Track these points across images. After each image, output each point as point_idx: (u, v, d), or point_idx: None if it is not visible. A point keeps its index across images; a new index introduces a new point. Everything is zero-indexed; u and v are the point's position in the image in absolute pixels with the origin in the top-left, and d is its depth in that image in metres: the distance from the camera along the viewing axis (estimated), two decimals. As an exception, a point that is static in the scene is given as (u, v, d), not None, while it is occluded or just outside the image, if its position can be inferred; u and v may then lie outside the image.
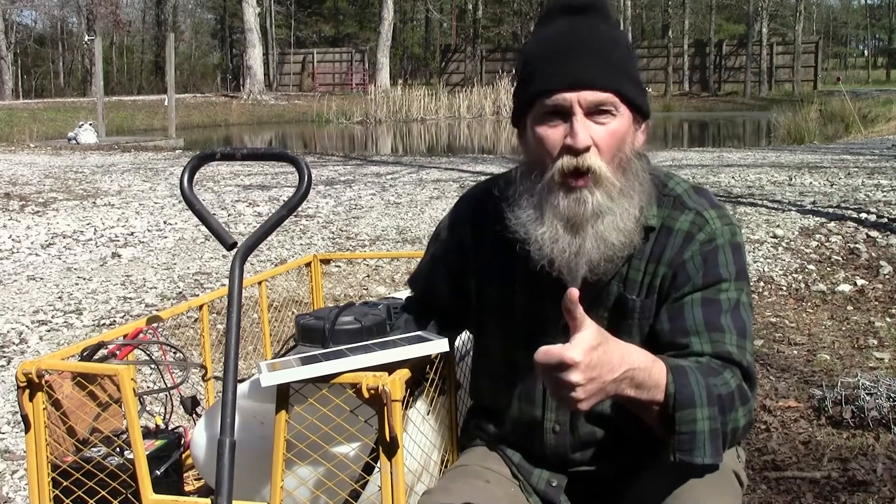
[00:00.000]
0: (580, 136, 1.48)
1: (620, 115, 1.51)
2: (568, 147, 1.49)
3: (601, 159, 1.49)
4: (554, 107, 1.50)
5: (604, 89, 1.49)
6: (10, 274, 6.09)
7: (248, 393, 1.77)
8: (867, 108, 23.30)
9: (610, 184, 1.50)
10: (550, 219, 1.51)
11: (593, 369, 1.29)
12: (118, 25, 43.03)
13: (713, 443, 1.42)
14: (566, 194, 1.50)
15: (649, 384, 1.39)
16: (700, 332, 1.51)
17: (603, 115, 1.50)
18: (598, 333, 1.31)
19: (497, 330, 1.71)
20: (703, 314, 1.52)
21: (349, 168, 12.63)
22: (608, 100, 1.50)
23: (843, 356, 4.02)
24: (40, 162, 13.88)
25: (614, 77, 1.51)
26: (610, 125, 1.50)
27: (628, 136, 1.53)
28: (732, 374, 1.47)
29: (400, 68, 53.66)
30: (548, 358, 1.29)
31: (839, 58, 72.16)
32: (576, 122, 1.48)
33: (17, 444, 3.28)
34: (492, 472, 1.70)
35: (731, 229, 1.58)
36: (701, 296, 1.53)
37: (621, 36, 1.58)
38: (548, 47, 1.54)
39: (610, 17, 1.57)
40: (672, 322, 1.54)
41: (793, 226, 6.53)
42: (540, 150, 1.52)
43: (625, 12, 42.67)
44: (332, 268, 5.74)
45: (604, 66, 1.50)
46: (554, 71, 1.50)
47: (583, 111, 1.49)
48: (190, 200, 1.84)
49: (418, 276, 1.90)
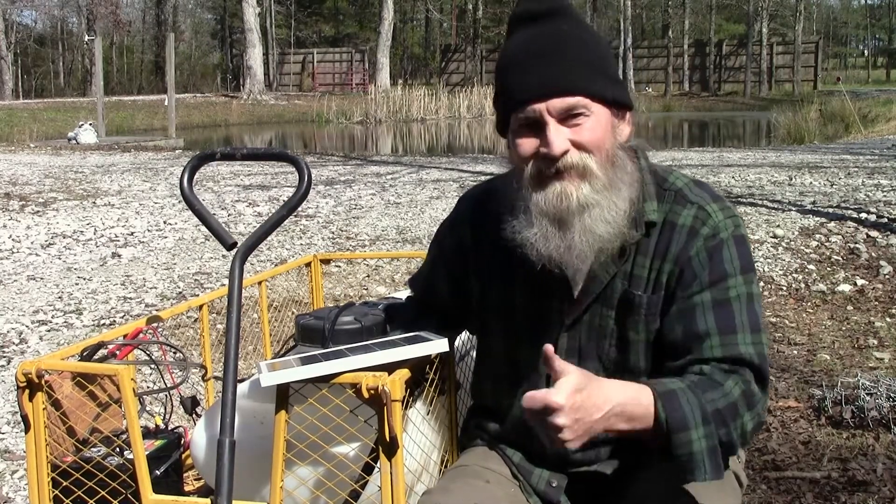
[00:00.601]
0: (555, 144, 1.48)
1: (595, 114, 1.51)
2: (544, 156, 1.50)
3: (584, 153, 1.50)
4: (526, 119, 1.51)
5: (571, 93, 1.49)
6: (10, 274, 6.09)
7: (248, 393, 1.77)
8: (867, 108, 23.30)
9: (595, 177, 1.50)
10: (539, 219, 1.51)
11: (577, 411, 1.34)
12: (118, 25, 43.04)
13: (712, 460, 1.44)
14: (546, 190, 1.51)
15: (638, 415, 1.42)
16: (712, 336, 1.51)
17: (576, 117, 1.50)
18: (581, 377, 1.36)
19: (499, 330, 1.71)
20: (714, 319, 1.52)
21: (349, 168, 12.63)
22: (578, 103, 1.50)
23: (843, 356, 4.02)
24: (40, 162, 13.89)
25: (580, 78, 1.50)
26: (585, 125, 1.50)
27: (608, 131, 1.53)
28: (737, 382, 1.47)
29: (400, 68, 53.67)
30: (532, 403, 1.33)
31: (839, 58, 72.18)
32: (549, 132, 1.49)
33: (17, 444, 3.28)
34: (492, 472, 1.70)
35: (733, 221, 1.59)
36: (711, 297, 1.53)
37: (587, 34, 1.57)
38: (512, 59, 1.55)
39: (573, 16, 1.57)
40: (683, 326, 1.54)
41: (793, 226, 6.53)
42: (518, 159, 1.54)
43: (625, 12, 42.64)
44: (332, 268, 5.74)
45: (568, 70, 1.50)
46: (520, 83, 1.52)
47: (555, 119, 1.49)
48: (190, 200, 1.84)
49: (418, 277, 1.91)
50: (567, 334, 1.62)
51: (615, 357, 1.60)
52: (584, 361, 1.61)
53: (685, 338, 1.54)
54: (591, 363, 1.61)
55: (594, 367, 1.61)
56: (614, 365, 1.60)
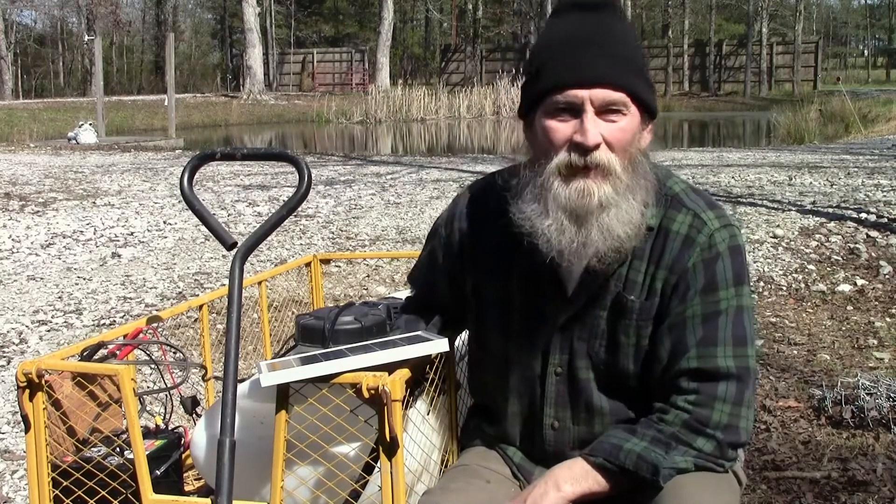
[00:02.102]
0: (590, 133, 1.47)
1: (631, 115, 1.51)
2: (577, 144, 1.48)
3: (611, 154, 1.50)
4: (565, 103, 1.49)
5: (617, 88, 1.49)
6: (10, 274, 6.09)
7: (248, 393, 1.77)
8: (867, 108, 23.29)
9: (618, 178, 1.50)
10: (555, 210, 1.50)
11: None
12: (118, 25, 43.01)
13: (659, 448, 1.50)
14: (568, 185, 1.50)
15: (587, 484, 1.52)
16: (691, 349, 1.54)
17: (613, 113, 1.50)
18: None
19: (495, 326, 1.71)
20: (702, 332, 1.54)
21: (349, 168, 12.63)
22: (620, 99, 1.49)
23: (843, 356, 4.02)
24: (40, 162, 13.88)
25: (627, 76, 1.50)
26: (620, 123, 1.50)
27: (637, 135, 1.53)
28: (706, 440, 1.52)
29: (400, 68, 53.64)
30: None
31: (839, 58, 72.12)
32: (586, 120, 1.48)
33: (17, 444, 3.28)
34: (492, 471, 1.70)
35: (729, 231, 1.58)
36: (702, 311, 1.54)
37: (633, 34, 1.58)
38: (560, 42, 1.53)
39: (622, 15, 1.57)
40: (671, 339, 1.56)
41: (793, 226, 6.53)
42: (547, 143, 1.52)
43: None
44: (332, 268, 5.74)
45: (616, 65, 1.49)
46: (567, 67, 1.50)
47: (594, 109, 1.49)
48: (190, 200, 1.84)
49: (417, 273, 1.90)
50: (560, 332, 1.63)
51: (605, 358, 1.61)
52: (576, 359, 1.62)
53: (671, 352, 1.55)
54: (583, 362, 1.62)
55: (585, 365, 1.62)
56: (604, 366, 1.61)
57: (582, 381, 1.62)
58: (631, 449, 1.50)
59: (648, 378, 1.58)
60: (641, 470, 1.49)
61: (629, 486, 1.51)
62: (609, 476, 1.52)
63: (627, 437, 1.53)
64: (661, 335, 1.56)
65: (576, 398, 1.63)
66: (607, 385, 1.62)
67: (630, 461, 1.49)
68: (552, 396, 1.64)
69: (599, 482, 1.52)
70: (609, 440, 1.54)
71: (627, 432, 1.54)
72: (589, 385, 1.62)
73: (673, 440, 1.51)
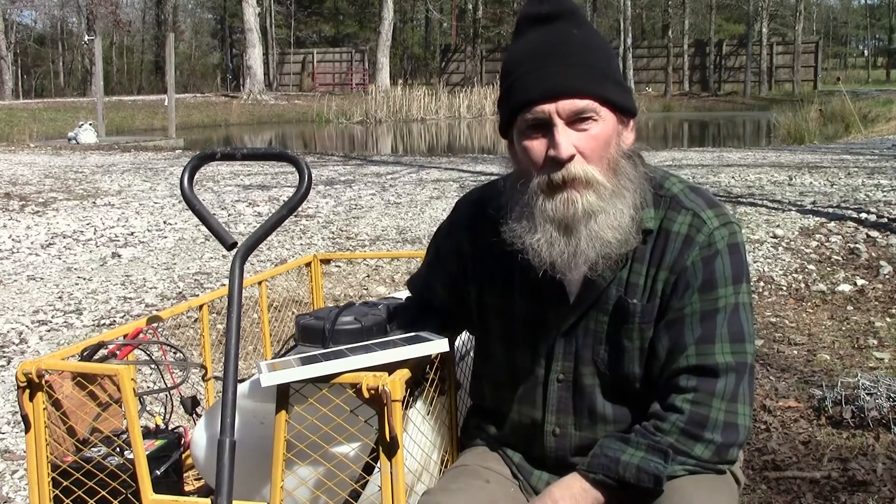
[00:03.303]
0: (562, 146, 1.47)
1: (603, 119, 1.51)
2: (552, 158, 1.49)
3: (587, 164, 1.49)
4: (534, 119, 1.50)
5: (581, 96, 1.49)
6: (10, 274, 6.09)
7: (248, 393, 1.77)
8: (867, 108, 23.29)
9: (600, 185, 1.50)
10: (542, 224, 1.51)
11: None
12: (118, 25, 42.98)
13: (657, 457, 1.49)
14: (553, 197, 1.50)
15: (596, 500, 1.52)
16: (689, 346, 1.54)
17: (584, 121, 1.50)
18: None
19: (498, 334, 1.71)
20: (700, 330, 1.54)
21: (349, 168, 12.63)
22: (588, 106, 1.49)
23: (843, 356, 4.02)
24: (40, 162, 13.88)
25: (591, 82, 1.50)
26: (592, 130, 1.50)
27: (614, 138, 1.53)
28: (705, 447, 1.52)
29: (400, 68, 53.65)
30: None
31: (839, 58, 72.16)
32: (557, 134, 1.48)
33: (17, 444, 3.28)
34: (492, 472, 1.70)
35: (729, 229, 1.58)
36: (700, 309, 1.54)
37: (596, 38, 1.56)
38: (521, 60, 1.54)
39: (582, 21, 1.56)
40: (670, 337, 1.56)
41: (793, 226, 6.53)
42: (527, 162, 1.53)
43: (625, 12, 42.63)
44: (332, 268, 5.74)
45: (579, 73, 1.49)
46: (530, 83, 1.50)
47: (563, 121, 1.49)
48: (190, 200, 1.84)
49: (417, 280, 1.91)
50: (563, 339, 1.63)
51: (609, 363, 1.61)
52: (580, 366, 1.62)
53: (670, 349, 1.56)
54: (587, 367, 1.62)
55: (590, 371, 1.62)
56: (609, 370, 1.61)
57: (586, 388, 1.62)
58: (629, 461, 1.50)
59: (650, 379, 1.58)
60: (643, 482, 1.48)
61: (629, 497, 1.51)
62: (608, 491, 1.52)
63: (622, 447, 1.52)
64: (660, 332, 1.56)
65: (579, 404, 1.63)
66: (612, 390, 1.62)
67: (630, 474, 1.49)
68: (554, 403, 1.65)
69: (598, 499, 1.52)
70: (604, 453, 1.53)
71: (621, 442, 1.53)
72: (594, 391, 1.62)
73: (671, 450, 1.50)
